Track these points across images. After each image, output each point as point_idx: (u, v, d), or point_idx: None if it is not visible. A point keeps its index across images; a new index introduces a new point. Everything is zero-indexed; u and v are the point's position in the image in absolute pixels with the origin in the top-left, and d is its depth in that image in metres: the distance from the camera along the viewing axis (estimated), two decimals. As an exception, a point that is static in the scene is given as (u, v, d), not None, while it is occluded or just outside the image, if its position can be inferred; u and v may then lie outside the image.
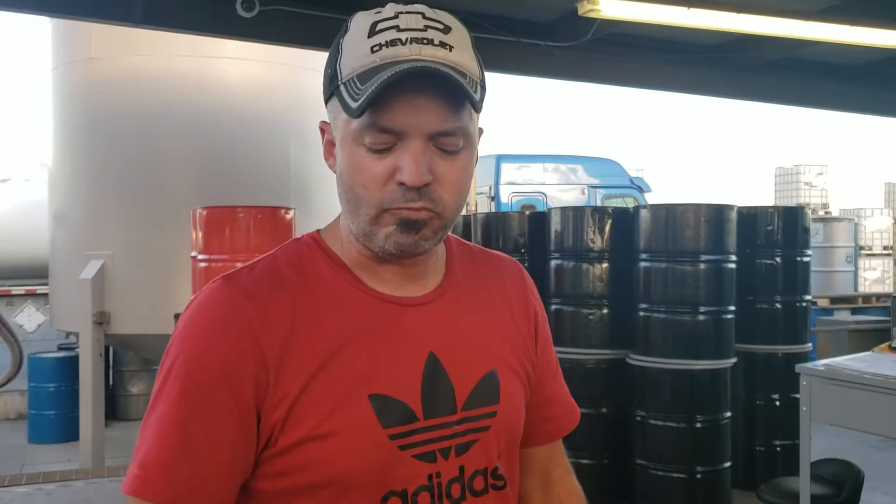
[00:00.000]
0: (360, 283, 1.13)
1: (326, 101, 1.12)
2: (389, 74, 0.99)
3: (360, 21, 1.07)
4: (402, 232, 1.06)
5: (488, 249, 1.34)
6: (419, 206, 1.05)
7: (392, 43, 1.03)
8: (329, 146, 1.14)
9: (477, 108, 1.06)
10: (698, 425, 5.02)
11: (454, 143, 1.06)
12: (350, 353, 1.07)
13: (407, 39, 1.03)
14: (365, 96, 1.00)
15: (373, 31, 1.04)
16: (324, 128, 1.16)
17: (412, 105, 1.02)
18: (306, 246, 1.16)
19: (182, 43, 6.57)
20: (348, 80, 1.04)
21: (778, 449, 5.60)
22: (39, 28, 7.83)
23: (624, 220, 5.39)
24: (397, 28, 1.04)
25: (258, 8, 5.28)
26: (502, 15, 5.86)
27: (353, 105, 1.02)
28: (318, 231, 1.19)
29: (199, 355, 1.05)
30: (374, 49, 1.03)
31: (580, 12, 5.11)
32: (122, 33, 6.34)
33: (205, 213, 5.45)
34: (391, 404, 1.07)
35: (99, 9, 5.40)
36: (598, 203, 11.96)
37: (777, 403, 5.61)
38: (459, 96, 1.04)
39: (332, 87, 1.09)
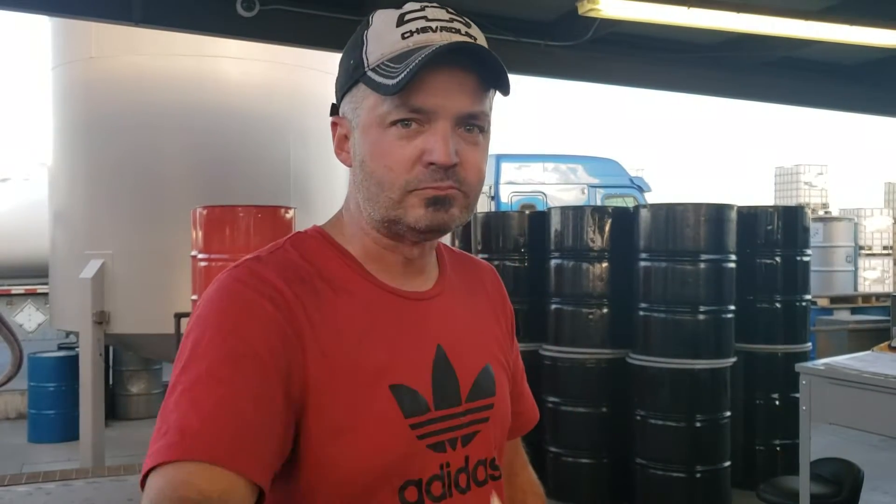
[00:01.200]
0: (370, 276, 1.14)
1: (344, 94, 1.14)
2: (432, 50, 1.03)
3: (384, 15, 1.11)
4: (433, 210, 1.08)
5: (467, 253, 1.40)
6: (447, 184, 1.07)
7: (423, 30, 1.07)
8: (341, 141, 1.16)
9: (507, 88, 1.10)
10: (698, 425, 5.03)
11: (479, 125, 1.10)
12: (370, 345, 1.09)
13: (437, 27, 1.08)
14: (406, 71, 1.02)
15: (401, 21, 1.08)
16: (336, 122, 1.17)
17: (443, 86, 1.06)
18: (313, 239, 1.17)
19: (182, 42, 6.57)
20: (379, 65, 1.07)
21: (777, 448, 5.61)
22: (39, 27, 7.83)
23: (624, 220, 5.40)
24: (426, 18, 1.08)
25: (258, 7, 5.28)
26: (502, 14, 5.86)
27: (391, 82, 1.04)
28: (320, 226, 1.20)
29: (238, 324, 1.01)
30: (406, 35, 1.07)
31: (580, 12, 5.11)
32: (122, 32, 6.34)
33: (205, 212, 5.45)
34: (410, 394, 1.09)
35: (99, 8, 5.39)
36: (598, 203, 11.96)
37: (777, 403, 5.62)
38: (495, 74, 1.08)
39: (355, 75, 1.10)
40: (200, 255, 5.39)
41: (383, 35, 1.08)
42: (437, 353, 1.15)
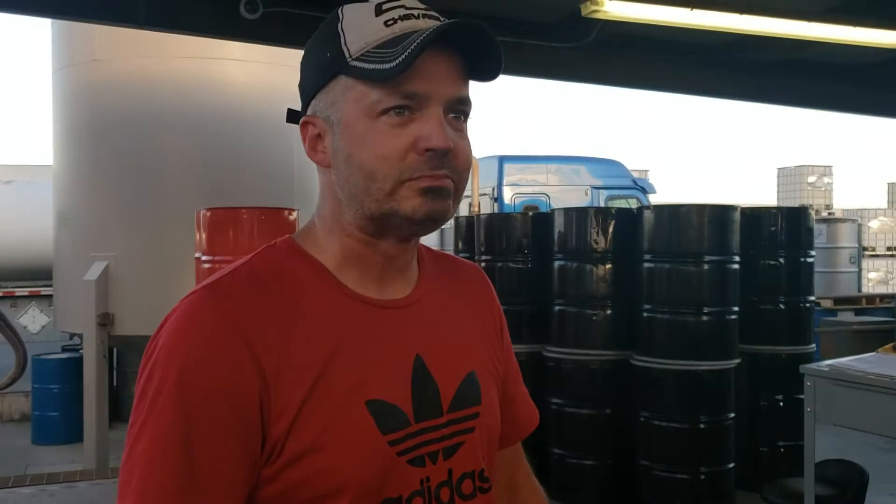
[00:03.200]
0: (342, 287, 1.10)
1: (320, 88, 1.09)
2: (435, 29, 1.00)
3: (356, 7, 1.07)
4: (431, 199, 1.04)
5: (450, 254, 1.35)
6: (442, 173, 1.04)
7: (406, 17, 1.05)
8: (314, 141, 1.11)
9: (498, 70, 1.08)
10: (702, 426, 5.02)
11: (465, 111, 1.08)
12: (343, 360, 1.05)
13: (419, 14, 1.06)
14: (406, 52, 0.99)
15: (380, 11, 1.05)
16: (308, 121, 1.12)
17: (435, 70, 1.04)
18: (283, 252, 1.12)
19: (185, 44, 6.58)
20: (364, 53, 1.04)
21: (782, 450, 5.59)
22: (43, 30, 7.86)
23: (627, 221, 5.39)
24: (405, 7, 1.06)
25: (261, 9, 5.28)
26: (505, 16, 5.86)
27: (388, 65, 1.00)
28: (291, 237, 1.16)
29: (193, 373, 0.98)
30: (389, 23, 1.04)
31: (583, 13, 5.11)
32: (126, 35, 6.35)
33: (209, 214, 5.45)
34: (387, 409, 1.06)
35: (102, 11, 5.40)
36: (602, 204, 11.94)
37: (781, 404, 5.61)
38: (489, 55, 1.06)
39: (334, 68, 1.06)
40: (204, 257, 5.39)
41: (363, 25, 1.05)
42: (415, 364, 1.10)
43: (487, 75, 1.09)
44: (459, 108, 1.07)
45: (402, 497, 1.06)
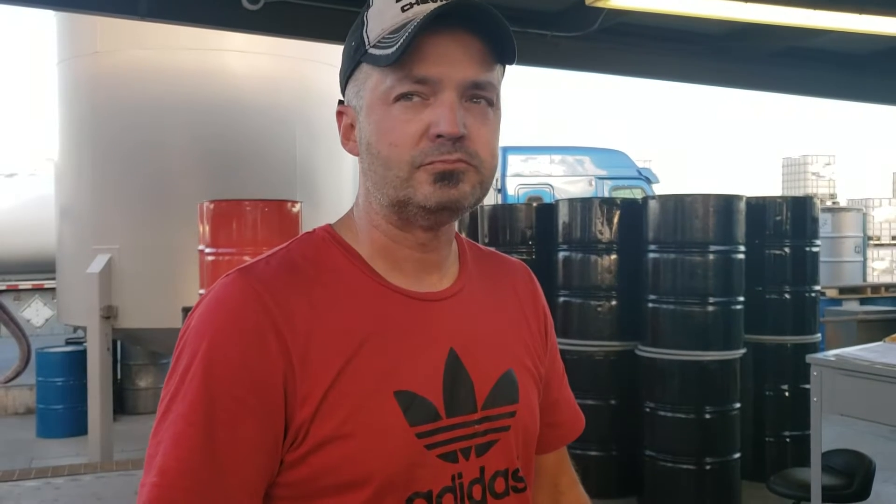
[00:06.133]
0: (378, 277, 1.09)
1: (348, 79, 1.10)
2: (431, 9, 1.00)
3: None
4: (441, 187, 1.02)
5: (497, 251, 1.33)
6: (455, 157, 1.02)
7: (423, 0, 1.03)
8: (347, 130, 1.11)
9: (513, 54, 1.06)
10: (707, 416, 5.01)
11: (486, 96, 1.05)
12: (373, 349, 1.04)
13: None
14: (404, 37, 0.99)
15: None
16: (342, 111, 1.12)
17: (447, 53, 1.02)
18: (320, 239, 1.12)
19: (187, 36, 6.56)
20: (381, 39, 1.04)
21: (787, 440, 5.58)
22: (45, 22, 7.85)
23: (632, 212, 5.37)
24: None
25: (263, 0, 5.27)
26: (508, 5, 5.83)
27: (390, 51, 1.00)
28: (330, 225, 1.16)
29: (219, 352, 0.99)
30: (405, 8, 1.03)
31: (587, 2, 5.09)
32: (128, 27, 6.34)
33: (212, 206, 5.45)
34: (416, 401, 1.05)
35: (104, 2, 5.39)
36: (606, 194, 11.92)
37: (786, 394, 5.60)
38: (498, 34, 1.04)
39: (357, 56, 1.07)
40: (207, 250, 5.39)
41: (383, 11, 1.05)
42: (449, 357, 1.09)
43: (508, 56, 1.08)
44: (476, 93, 1.04)
45: (433, 492, 1.05)
